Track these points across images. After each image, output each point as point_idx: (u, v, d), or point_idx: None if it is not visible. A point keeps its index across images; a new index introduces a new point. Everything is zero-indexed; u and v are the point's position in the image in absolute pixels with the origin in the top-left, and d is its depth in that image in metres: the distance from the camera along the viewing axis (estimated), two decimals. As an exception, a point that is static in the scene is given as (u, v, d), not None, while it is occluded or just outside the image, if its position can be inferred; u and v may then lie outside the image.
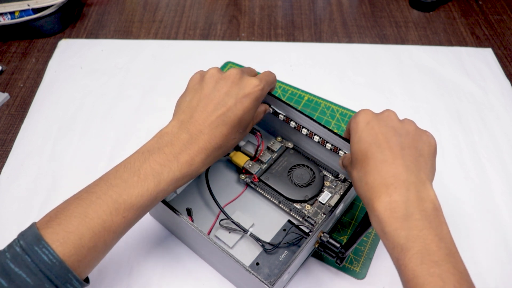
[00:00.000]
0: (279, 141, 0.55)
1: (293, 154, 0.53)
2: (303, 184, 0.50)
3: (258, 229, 0.49)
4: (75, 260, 0.32)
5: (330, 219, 0.45)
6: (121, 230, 0.35)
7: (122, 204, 0.34)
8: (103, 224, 0.34)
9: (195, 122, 0.39)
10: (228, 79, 0.41)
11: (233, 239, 0.48)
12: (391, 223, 0.32)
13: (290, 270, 0.42)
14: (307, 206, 0.49)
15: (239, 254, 0.45)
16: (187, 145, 0.38)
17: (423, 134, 0.38)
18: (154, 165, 0.36)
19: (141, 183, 0.35)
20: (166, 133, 0.39)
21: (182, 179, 0.38)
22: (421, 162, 0.35)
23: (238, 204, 0.51)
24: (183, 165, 0.37)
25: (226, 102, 0.40)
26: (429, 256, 0.31)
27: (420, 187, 0.34)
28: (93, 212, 0.34)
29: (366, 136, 0.37)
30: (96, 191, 0.35)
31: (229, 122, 0.39)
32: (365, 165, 0.36)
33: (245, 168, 0.52)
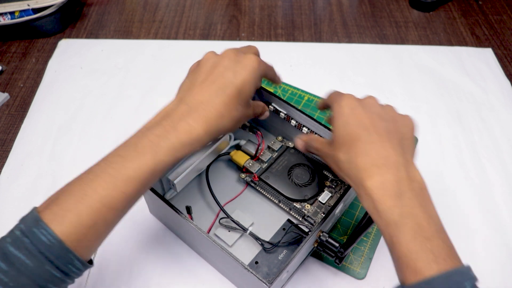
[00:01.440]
0: (280, 140, 0.55)
1: (293, 153, 0.53)
2: (303, 183, 0.50)
3: (258, 228, 0.49)
4: (75, 239, 0.32)
5: (330, 219, 0.44)
6: (121, 207, 0.34)
7: (120, 179, 0.34)
8: (102, 200, 0.33)
9: (194, 94, 0.39)
10: (225, 57, 0.41)
11: (233, 237, 0.48)
12: (384, 201, 0.34)
13: (289, 269, 0.42)
14: (307, 205, 0.49)
15: (239, 253, 0.45)
16: (186, 115, 0.37)
17: (404, 118, 0.41)
18: (151, 138, 0.36)
19: (138, 156, 0.35)
20: (165, 109, 0.39)
21: (181, 149, 0.36)
22: (405, 144, 0.38)
23: (238, 203, 0.51)
24: (181, 134, 0.36)
25: (224, 75, 0.40)
26: (421, 232, 0.32)
27: (408, 167, 0.36)
28: (91, 189, 0.33)
29: (352, 120, 0.38)
30: (95, 170, 0.35)
31: (228, 91, 0.39)
32: (353, 147, 0.37)
33: (246, 167, 0.52)
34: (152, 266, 0.48)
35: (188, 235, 0.47)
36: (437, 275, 0.31)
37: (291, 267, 0.42)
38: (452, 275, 0.31)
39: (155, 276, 0.47)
